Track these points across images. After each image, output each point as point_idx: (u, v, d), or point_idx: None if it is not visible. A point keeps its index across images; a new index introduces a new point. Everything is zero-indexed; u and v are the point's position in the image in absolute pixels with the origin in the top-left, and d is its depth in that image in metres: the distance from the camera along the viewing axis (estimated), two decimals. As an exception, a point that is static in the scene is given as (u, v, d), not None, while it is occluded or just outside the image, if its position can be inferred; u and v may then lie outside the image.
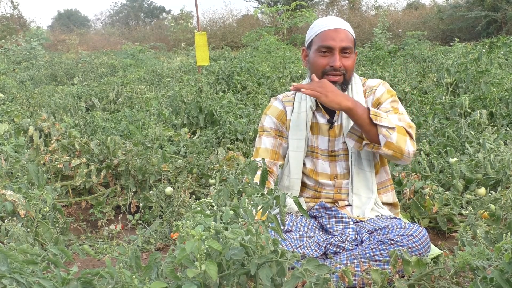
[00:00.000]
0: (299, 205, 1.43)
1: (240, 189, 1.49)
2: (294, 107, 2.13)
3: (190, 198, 2.80)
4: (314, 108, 2.10)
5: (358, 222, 2.01)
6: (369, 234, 1.91)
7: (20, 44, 15.08)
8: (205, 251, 1.14)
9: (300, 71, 7.46)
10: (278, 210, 1.44)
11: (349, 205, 2.09)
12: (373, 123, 1.85)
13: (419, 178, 2.76)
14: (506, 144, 3.29)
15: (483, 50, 5.88)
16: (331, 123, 2.09)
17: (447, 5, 20.06)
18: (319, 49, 2.00)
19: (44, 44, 16.26)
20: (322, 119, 2.10)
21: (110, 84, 7.13)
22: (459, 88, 4.80)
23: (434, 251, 1.91)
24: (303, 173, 2.13)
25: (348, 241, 1.88)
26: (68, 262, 2.24)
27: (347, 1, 23.14)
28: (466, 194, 2.62)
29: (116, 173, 3.11)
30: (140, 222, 2.73)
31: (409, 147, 1.89)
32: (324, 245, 1.88)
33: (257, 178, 1.56)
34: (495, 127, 3.76)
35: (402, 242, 1.78)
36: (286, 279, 1.26)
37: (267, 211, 1.37)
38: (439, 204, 2.49)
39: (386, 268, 1.70)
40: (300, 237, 1.90)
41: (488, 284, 1.31)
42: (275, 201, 1.37)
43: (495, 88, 4.61)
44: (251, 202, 1.36)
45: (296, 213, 2.07)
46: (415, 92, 5.18)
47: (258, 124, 3.50)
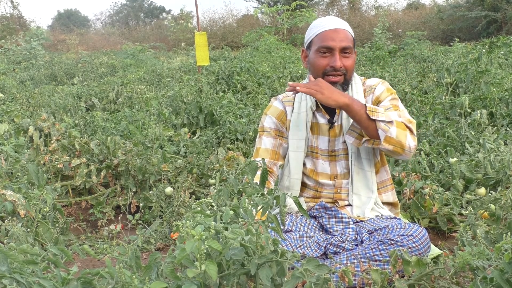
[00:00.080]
0: (299, 205, 1.43)
1: (240, 189, 1.49)
2: (294, 107, 2.13)
3: (190, 198, 2.80)
4: (314, 108, 2.09)
5: (358, 222, 2.01)
6: (369, 234, 1.91)
7: (20, 44, 15.09)
8: (205, 251, 1.14)
9: (300, 71, 7.46)
10: (278, 210, 1.44)
11: (349, 205, 2.09)
12: (371, 118, 1.85)
13: (419, 178, 2.76)
14: (506, 144, 3.29)
15: (483, 50, 5.88)
16: (331, 123, 2.09)
17: (447, 5, 20.08)
18: (319, 49, 2.00)
19: (44, 44, 16.27)
20: (322, 119, 2.10)
21: (110, 84, 7.14)
22: (459, 88, 4.80)
23: (434, 251, 1.91)
24: (303, 173, 2.13)
25: (348, 241, 1.88)
26: (68, 262, 2.24)
27: (347, 1, 23.15)
28: (466, 194, 2.62)
29: (116, 173, 3.11)
30: (140, 222, 2.73)
31: (409, 142, 1.89)
32: (324, 245, 1.88)
33: (257, 178, 1.56)
34: (495, 127, 3.76)
35: (402, 242, 1.78)
36: (286, 279, 1.26)
37: (267, 211, 1.37)
38: (439, 204, 2.49)
39: (386, 268, 1.71)
40: (300, 237, 1.90)
41: (488, 284, 1.31)
42: (275, 201, 1.37)
43: (495, 88, 4.61)
44: (251, 202, 1.36)
45: (296, 213, 2.07)
46: (415, 92, 5.18)
47: (258, 124, 3.50)
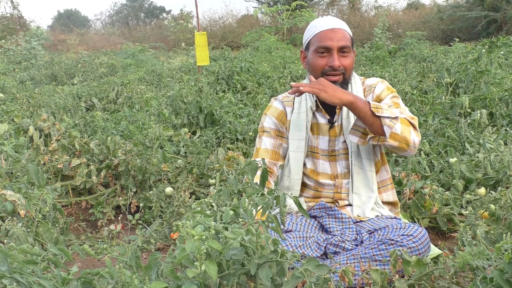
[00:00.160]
0: (299, 205, 1.43)
1: (240, 189, 1.49)
2: (294, 108, 2.13)
3: (190, 198, 2.80)
4: (314, 108, 2.09)
5: (358, 222, 2.01)
6: (369, 234, 1.91)
7: (20, 44, 15.09)
8: (205, 251, 1.14)
9: (300, 71, 7.46)
10: (278, 210, 1.44)
11: (349, 204, 2.09)
12: (375, 115, 1.85)
13: (419, 178, 2.76)
14: (506, 144, 3.29)
15: (483, 50, 5.88)
16: (332, 123, 2.09)
17: (447, 5, 20.08)
18: (317, 50, 2.00)
19: (44, 44, 16.28)
20: (323, 119, 2.10)
21: (110, 84, 7.14)
22: (459, 88, 4.80)
23: (434, 251, 1.91)
24: (303, 173, 2.13)
25: (348, 241, 1.88)
26: (68, 262, 2.24)
27: (347, 1, 23.15)
28: (466, 194, 2.62)
29: (116, 173, 3.11)
30: (140, 222, 2.73)
31: (414, 137, 1.89)
32: (324, 245, 1.88)
33: (257, 178, 1.56)
34: (495, 127, 3.76)
35: (402, 242, 1.78)
36: (286, 279, 1.26)
37: (267, 211, 1.37)
38: (439, 204, 2.49)
39: (386, 268, 1.71)
40: (300, 237, 1.90)
41: (488, 284, 1.31)
42: (275, 201, 1.37)
43: (495, 88, 4.61)
44: (251, 202, 1.36)
45: (296, 213, 2.07)
46: (415, 92, 5.18)
47: (258, 124, 3.50)
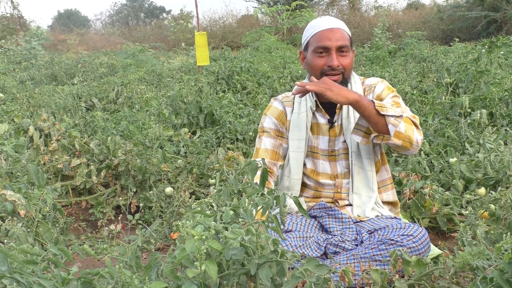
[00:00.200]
0: (299, 205, 1.43)
1: (240, 189, 1.49)
2: (294, 108, 2.13)
3: (190, 198, 2.80)
4: (314, 108, 2.10)
5: (358, 222, 2.01)
6: (369, 234, 1.91)
7: (20, 44, 15.10)
8: (205, 251, 1.14)
9: (300, 71, 7.46)
10: (278, 210, 1.44)
11: (349, 204, 2.09)
12: (380, 114, 1.85)
13: (419, 178, 2.76)
14: (506, 144, 3.29)
15: (483, 50, 5.88)
16: (332, 123, 2.09)
17: (447, 5, 20.08)
18: (315, 50, 2.00)
19: (44, 44, 16.28)
20: (322, 119, 2.10)
21: (110, 84, 7.14)
22: (459, 88, 4.80)
23: (434, 251, 1.91)
24: (303, 173, 2.13)
25: (348, 241, 1.88)
26: (68, 262, 2.24)
27: (347, 1, 23.15)
28: (466, 194, 2.62)
29: (116, 173, 3.11)
30: (140, 222, 2.73)
31: (417, 136, 1.89)
32: (324, 245, 1.88)
33: (257, 178, 1.56)
34: (495, 127, 3.76)
35: (402, 242, 1.78)
36: (286, 279, 1.26)
37: (267, 211, 1.37)
38: (439, 204, 2.49)
39: (386, 268, 1.71)
40: (300, 237, 1.90)
41: (488, 284, 1.31)
42: (275, 201, 1.37)
43: (495, 88, 4.61)
44: (251, 202, 1.36)
45: (296, 213, 2.07)
46: (415, 92, 5.18)
47: (258, 124, 3.50)
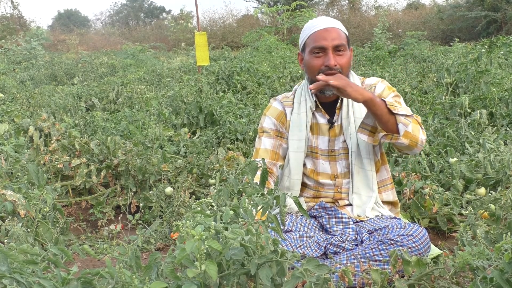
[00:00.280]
0: (299, 205, 1.43)
1: (240, 189, 1.49)
2: (293, 108, 2.13)
3: (190, 198, 2.80)
4: (314, 109, 2.10)
5: (358, 222, 2.01)
6: (369, 234, 1.91)
7: (20, 44, 15.10)
8: (205, 251, 1.14)
9: (300, 71, 7.46)
10: (278, 210, 1.44)
11: (349, 204, 2.09)
12: (391, 113, 1.85)
13: (419, 178, 2.76)
14: (506, 144, 3.29)
15: (483, 50, 5.88)
16: (331, 123, 2.09)
17: (447, 5, 20.07)
18: (312, 50, 2.00)
19: (44, 44, 16.28)
20: (322, 119, 2.10)
21: (110, 84, 7.13)
22: (459, 88, 4.80)
23: (434, 251, 1.91)
24: (303, 173, 2.13)
25: (348, 241, 1.88)
26: (68, 262, 2.24)
27: (347, 1, 23.14)
28: (466, 194, 2.62)
29: (116, 173, 3.11)
30: (140, 222, 2.73)
31: (422, 136, 1.90)
32: (324, 245, 1.88)
33: (257, 178, 1.56)
34: (495, 127, 3.76)
35: (402, 242, 1.78)
36: (286, 279, 1.26)
37: (267, 211, 1.37)
38: (439, 204, 2.49)
39: (386, 268, 1.71)
40: (300, 237, 1.90)
41: (488, 284, 1.31)
42: (275, 201, 1.37)
43: (495, 88, 4.61)
44: (251, 202, 1.36)
45: (296, 213, 2.07)
46: (415, 92, 5.18)
47: (258, 124, 3.50)
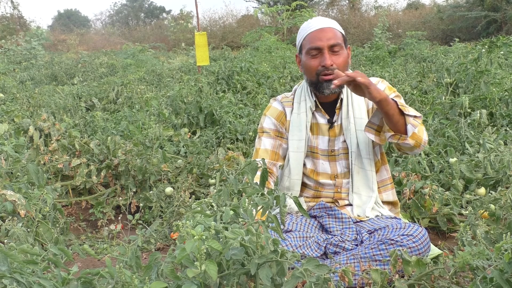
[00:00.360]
0: (299, 205, 1.43)
1: (240, 189, 1.49)
2: (293, 108, 2.13)
3: (190, 198, 2.80)
4: (314, 109, 2.10)
5: (358, 222, 2.01)
6: (369, 234, 1.91)
7: (20, 44, 15.11)
8: (205, 251, 1.14)
9: (300, 71, 7.46)
10: (278, 210, 1.44)
11: (349, 204, 2.09)
12: (401, 113, 1.85)
13: (419, 178, 2.76)
14: (506, 144, 3.29)
15: (483, 50, 5.87)
16: (331, 123, 2.09)
17: (447, 5, 20.07)
18: (308, 51, 2.01)
19: (44, 44, 16.29)
20: (322, 119, 2.10)
21: (110, 84, 7.13)
22: (459, 88, 4.80)
23: (434, 251, 1.92)
24: (303, 173, 2.13)
25: (348, 241, 1.88)
26: (68, 262, 2.24)
27: (347, 1, 23.14)
28: (466, 194, 2.62)
29: (116, 173, 3.11)
30: (140, 222, 2.73)
31: (425, 137, 1.92)
32: (324, 245, 1.88)
33: (257, 179, 1.56)
34: (495, 127, 3.76)
35: (402, 242, 1.78)
36: (286, 279, 1.26)
37: (267, 211, 1.37)
38: (439, 204, 2.50)
39: (386, 268, 1.71)
40: (300, 237, 1.90)
41: (488, 284, 1.31)
42: (275, 201, 1.37)
43: (495, 88, 4.61)
44: (251, 202, 1.36)
45: (296, 213, 2.07)
46: (415, 92, 5.18)
47: (258, 124, 3.50)
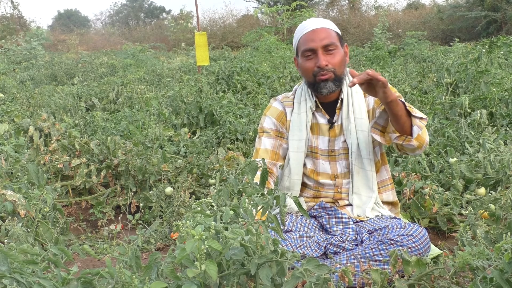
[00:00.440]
0: (299, 205, 1.43)
1: (240, 189, 1.49)
2: (293, 108, 2.13)
3: (190, 198, 2.80)
4: (314, 109, 2.10)
5: (358, 222, 2.01)
6: (369, 234, 1.91)
7: (20, 44, 15.11)
8: (205, 251, 1.14)
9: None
10: (278, 210, 1.44)
11: (349, 204, 2.09)
12: (408, 114, 1.85)
13: (419, 178, 2.76)
14: (506, 144, 3.29)
15: (483, 50, 5.87)
16: (331, 123, 2.09)
17: (447, 5, 20.06)
18: (303, 54, 2.02)
19: (44, 44, 16.29)
20: (322, 119, 2.10)
21: (110, 84, 7.13)
22: (459, 88, 4.80)
23: (434, 251, 1.92)
24: (303, 173, 2.13)
25: (348, 241, 1.88)
26: (68, 262, 2.24)
27: (347, 1, 23.14)
28: (466, 194, 2.62)
29: (116, 173, 3.11)
30: (140, 222, 2.73)
31: (427, 138, 1.93)
32: (324, 245, 1.88)
33: (257, 179, 1.56)
34: (495, 127, 3.76)
35: (402, 242, 1.78)
36: (286, 279, 1.26)
37: (267, 211, 1.37)
38: (439, 204, 2.50)
39: (386, 268, 1.71)
40: (300, 237, 1.90)
41: (488, 284, 1.31)
42: (275, 201, 1.37)
43: (495, 88, 4.61)
44: (251, 202, 1.36)
45: (296, 213, 2.07)
46: (415, 92, 5.18)
47: (258, 124, 3.50)
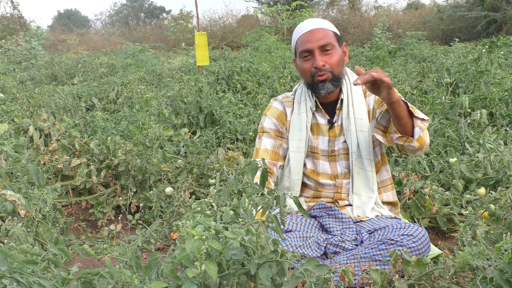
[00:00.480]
0: (299, 205, 1.43)
1: (240, 189, 1.49)
2: (294, 108, 2.13)
3: (190, 198, 2.80)
4: (314, 109, 2.10)
5: (358, 222, 2.01)
6: (369, 234, 1.91)
7: (20, 44, 15.11)
8: (205, 251, 1.14)
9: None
10: (278, 210, 1.44)
11: (349, 204, 2.09)
12: (410, 115, 1.85)
13: (419, 178, 2.76)
14: (506, 144, 3.29)
15: (483, 50, 5.87)
16: (331, 123, 2.09)
17: (447, 5, 20.07)
18: (300, 54, 2.02)
19: (44, 44, 16.29)
20: (322, 120, 2.10)
21: (110, 84, 7.13)
22: (459, 88, 4.80)
23: (434, 251, 1.92)
24: (303, 173, 2.13)
25: (348, 241, 1.88)
26: (68, 262, 2.24)
27: (347, 1, 23.14)
28: (466, 194, 2.62)
29: (116, 173, 3.11)
30: (140, 222, 2.73)
31: (428, 140, 1.93)
32: (324, 245, 1.88)
33: (257, 179, 1.56)
34: (495, 127, 3.76)
35: (402, 242, 1.78)
36: (286, 279, 1.26)
37: (267, 211, 1.37)
38: (439, 204, 2.50)
39: (386, 268, 1.71)
40: (300, 237, 1.90)
41: (488, 284, 1.31)
42: (275, 201, 1.37)
43: (495, 88, 4.61)
44: (251, 202, 1.36)
45: (296, 213, 2.07)
46: (415, 92, 5.18)
47: (258, 124, 3.50)
